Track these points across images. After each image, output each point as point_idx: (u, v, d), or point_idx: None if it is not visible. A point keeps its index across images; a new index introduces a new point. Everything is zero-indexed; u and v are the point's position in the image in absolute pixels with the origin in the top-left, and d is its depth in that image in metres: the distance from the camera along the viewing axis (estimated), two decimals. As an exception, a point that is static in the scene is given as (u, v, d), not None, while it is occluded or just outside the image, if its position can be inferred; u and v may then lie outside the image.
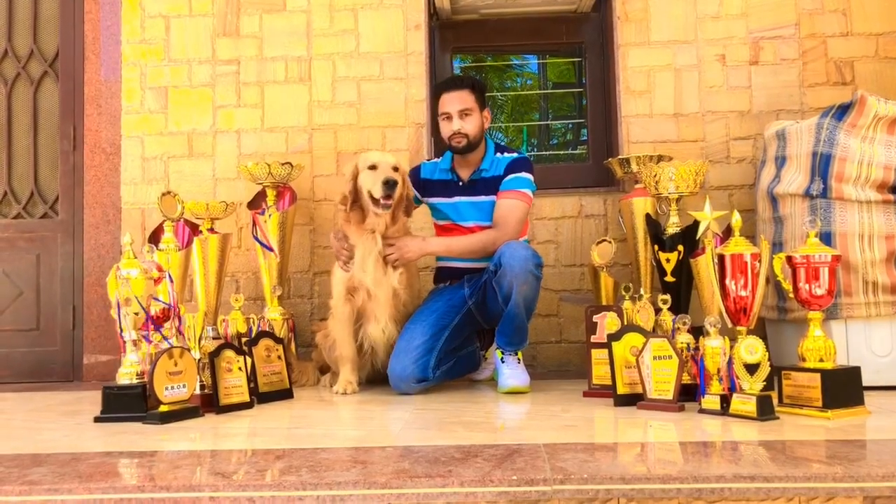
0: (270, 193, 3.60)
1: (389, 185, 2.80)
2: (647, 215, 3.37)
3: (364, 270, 2.89)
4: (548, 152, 4.43)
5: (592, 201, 3.83)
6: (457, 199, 3.15)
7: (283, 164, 3.53)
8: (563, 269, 3.82)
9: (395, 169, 2.90)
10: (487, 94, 3.34)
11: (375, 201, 2.84)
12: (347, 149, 3.87)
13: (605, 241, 3.38)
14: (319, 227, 3.88)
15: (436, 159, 3.30)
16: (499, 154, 3.13)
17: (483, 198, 3.10)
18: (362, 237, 2.89)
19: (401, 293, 2.96)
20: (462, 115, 3.03)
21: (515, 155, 3.12)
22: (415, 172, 3.26)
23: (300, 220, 3.85)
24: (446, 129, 3.08)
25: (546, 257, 3.72)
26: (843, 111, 2.95)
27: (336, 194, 3.30)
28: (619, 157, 3.61)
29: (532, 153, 4.35)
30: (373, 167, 2.89)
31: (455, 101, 3.04)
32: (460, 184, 3.16)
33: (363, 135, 3.88)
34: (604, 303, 3.29)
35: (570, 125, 4.48)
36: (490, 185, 3.09)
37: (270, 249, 3.55)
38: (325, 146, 3.89)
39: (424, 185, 3.23)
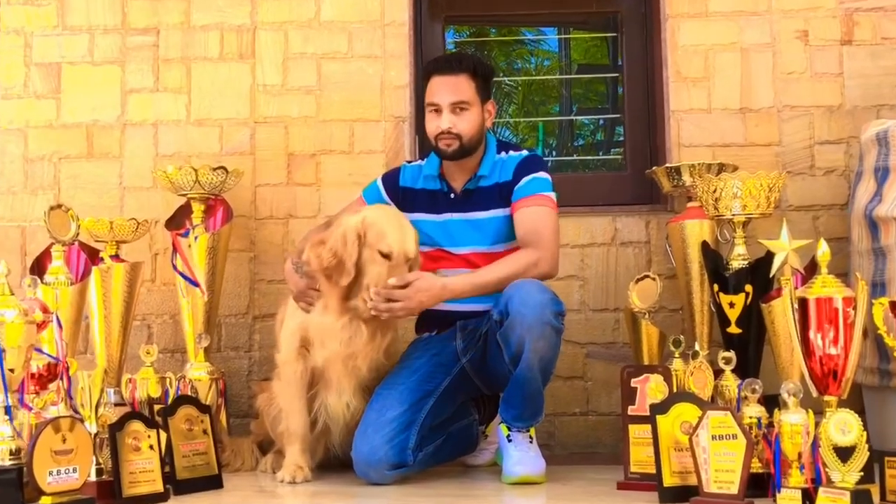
0: (197, 208, 3.61)
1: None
2: (704, 244, 3.38)
3: (331, 344, 2.92)
4: (571, 157, 4.45)
5: (630, 224, 3.84)
6: (446, 216, 3.16)
7: (214, 170, 3.53)
8: (591, 314, 3.82)
9: (408, 260, 2.92)
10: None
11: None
12: (303, 150, 3.87)
13: (647, 277, 3.39)
14: (263, 254, 3.88)
15: (419, 161, 3.31)
16: (502, 153, 3.16)
17: (481, 214, 3.11)
18: (338, 310, 2.90)
19: (380, 359, 2.99)
20: (455, 108, 3.04)
21: (525, 153, 3.16)
22: (391, 178, 3.28)
23: (237, 244, 3.84)
24: (433, 124, 3.09)
25: (568, 298, 3.72)
26: (966, 108, 2.98)
27: (285, 208, 3.35)
28: (667, 165, 3.63)
29: (549, 158, 4.39)
30: (386, 255, 2.85)
31: (448, 89, 3.05)
32: (451, 196, 3.16)
33: (324, 131, 3.88)
34: (646, 361, 3.30)
35: (602, 121, 4.51)
36: (491, 196, 3.11)
37: (195, 284, 3.54)
38: (273, 146, 3.89)
39: (404, 196, 3.24)
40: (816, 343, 2.40)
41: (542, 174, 3.08)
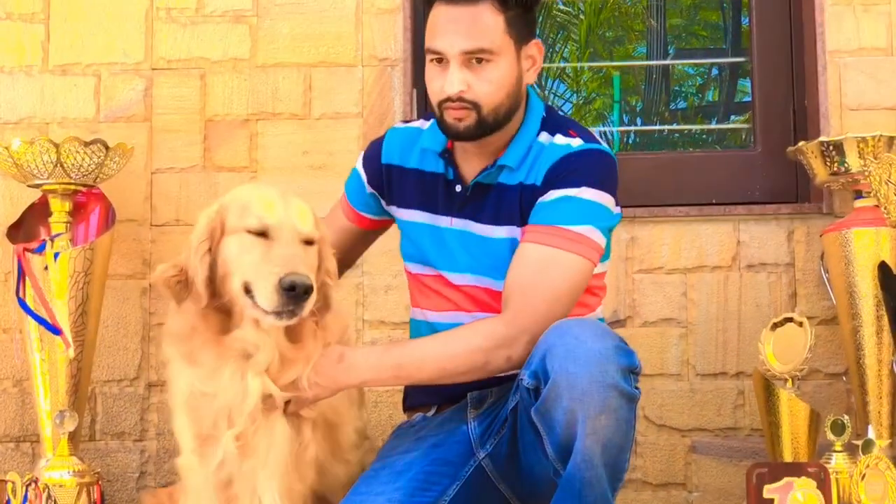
0: (59, 207, 3.60)
1: (295, 293, 2.68)
2: (884, 266, 3.34)
3: (222, 422, 2.80)
4: (666, 126, 4.43)
5: (763, 234, 3.81)
6: (444, 220, 3.08)
7: (87, 145, 3.52)
8: (699, 382, 3.78)
9: (309, 242, 2.81)
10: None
11: (265, 310, 2.73)
12: (230, 112, 3.88)
13: (790, 321, 3.36)
14: None
15: (417, 123, 3.23)
16: (544, 135, 3.04)
17: (492, 229, 3.01)
18: (221, 357, 2.79)
19: (309, 445, 2.87)
20: (471, 60, 2.91)
21: (575, 144, 3.01)
22: (373, 152, 3.22)
23: (122, 265, 3.83)
24: (435, 83, 2.98)
25: (662, 356, 3.72)
26: None
27: (199, 207, 3.23)
28: (822, 139, 3.59)
29: (632, 129, 4.34)
30: (261, 232, 2.77)
31: (458, 27, 2.91)
32: (457, 188, 3.07)
33: (265, 83, 3.89)
34: (788, 457, 3.27)
35: (716, 70, 4.48)
36: (511, 202, 3.01)
37: (55, 330, 3.51)
38: (181, 106, 3.90)
39: (390, 179, 3.17)
40: None
41: (588, 192, 2.92)
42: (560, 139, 2.97)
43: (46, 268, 3.49)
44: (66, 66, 3.90)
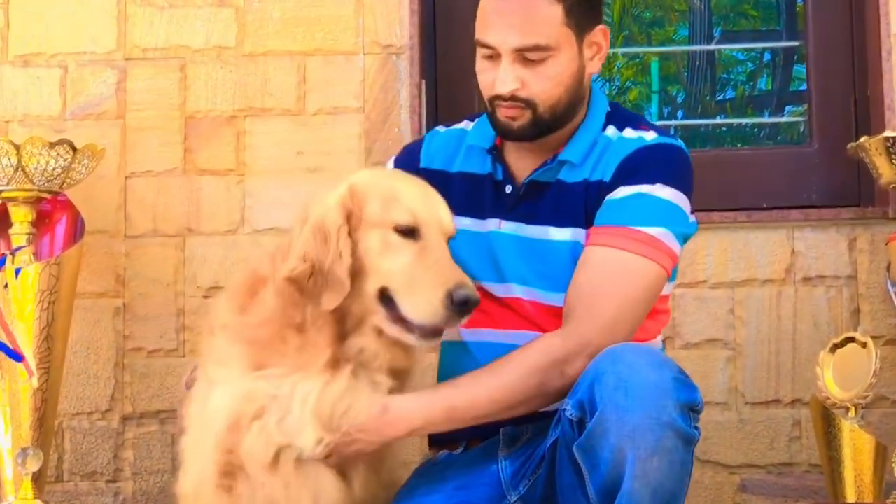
0: (21, 217, 3.62)
1: (466, 309, 2.67)
2: None
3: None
4: (713, 120, 4.44)
5: (821, 242, 3.82)
6: (493, 224, 3.08)
7: (52, 146, 3.53)
8: (749, 412, 3.79)
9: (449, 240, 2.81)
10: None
11: (409, 323, 2.71)
12: (213, 108, 3.90)
13: (852, 341, 3.39)
14: (138, 303, 3.87)
15: (461, 124, 3.26)
16: (611, 129, 3.05)
17: (552, 231, 3.01)
18: (327, 361, 2.74)
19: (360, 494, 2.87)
20: (523, 57, 2.92)
21: (649, 137, 3.03)
22: (409, 155, 3.26)
23: (92, 282, 3.85)
24: (486, 76, 2.98)
25: (705, 381, 3.73)
26: None
27: (180, 217, 3.42)
28: (888, 133, 3.58)
29: (673, 123, 4.37)
30: (409, 230, 2.76)
31: (510, 21, 2.92)
32: (507, 189, 3.08)
33: (253, 74, 3.91)
34: (851, 497, 3.29)
35: (767, 56, 4.48)
36: (574, 201, 3.01)
37: (16, 357, 3.50)
38: (158, 102, 3.91)
39: (429, 183, 3.12)
40: None
41: (663, 190, 2.93)
42: (630, 133, 3.00)
43: (6, 285, 3.50)
44: (27, 56, 3.93)
